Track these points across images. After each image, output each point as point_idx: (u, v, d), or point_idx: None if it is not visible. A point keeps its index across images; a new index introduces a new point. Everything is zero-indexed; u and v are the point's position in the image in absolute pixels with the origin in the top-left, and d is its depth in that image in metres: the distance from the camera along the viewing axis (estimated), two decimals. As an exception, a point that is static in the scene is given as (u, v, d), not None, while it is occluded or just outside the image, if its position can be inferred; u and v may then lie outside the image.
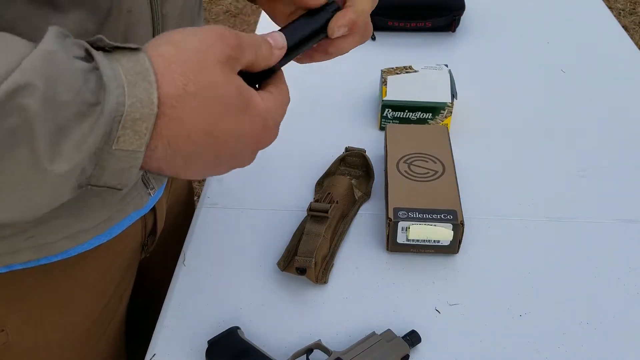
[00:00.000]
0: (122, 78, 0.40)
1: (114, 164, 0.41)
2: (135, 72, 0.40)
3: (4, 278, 0.60)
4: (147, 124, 0.41)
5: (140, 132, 0.41)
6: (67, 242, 0.61)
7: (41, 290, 0.64)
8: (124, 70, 0.40)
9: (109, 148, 0.40)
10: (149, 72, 0.41)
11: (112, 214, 0.64)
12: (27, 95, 0.36)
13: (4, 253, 0.57)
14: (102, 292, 0.72)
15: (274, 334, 0.71)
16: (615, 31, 1.30)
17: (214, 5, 3.33)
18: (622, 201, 0.87)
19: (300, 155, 0.96)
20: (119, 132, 0.40)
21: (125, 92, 0.40)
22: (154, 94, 0.41)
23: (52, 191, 0.40)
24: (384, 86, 1.03)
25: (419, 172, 0.84)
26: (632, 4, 3.28)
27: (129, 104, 0.40)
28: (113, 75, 0.39)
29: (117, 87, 0.39)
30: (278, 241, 0.82)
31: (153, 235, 0.78)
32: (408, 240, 0.77)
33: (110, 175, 0.42)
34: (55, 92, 0.37)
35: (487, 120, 1.04)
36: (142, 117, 0.40)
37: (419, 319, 0.72)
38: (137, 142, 0.41)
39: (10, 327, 0.64)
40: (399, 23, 1.27)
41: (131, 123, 0.40)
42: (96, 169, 0.41)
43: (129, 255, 0.75)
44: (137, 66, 0.41)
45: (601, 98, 1.09)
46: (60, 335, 0.69)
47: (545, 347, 0.69)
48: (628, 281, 0.76)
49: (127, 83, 0.40)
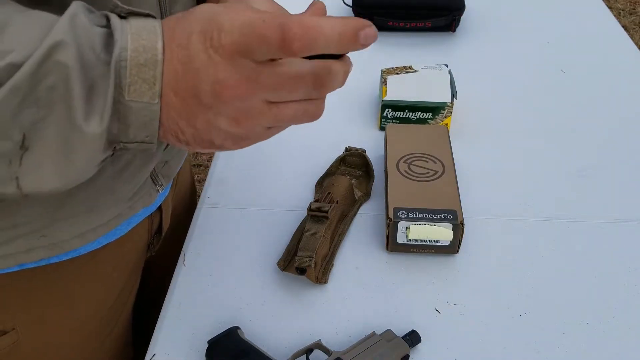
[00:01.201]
0: (127, 29, 0.41)
1: (134, 117, 0.42)
2: (142, 26, 0.42)
3: (15, 277, 0.61)
4: (154, 72, 0.41)
5: (148, 81, 0.41)
6: (78, 240, 0.61)
7: (51, 289, 0.65)
8: (131, 25, 0.42)
9: (123, 99, 0.41)
10: (156, 27, 0.42)
11: (122, 211, 0.65)
12: (63, 52, 0.39)
13: (18, 252, 0.58)
14: (111, 290, 0.73)
15: (274, 334, 0.71)
16: (615, 31, 1.30)
17: (214, 5, 3.33)
18: (622, 201, 0.87)
19: (300, 155, 0.96)
20: (128, 79, 0.41)
21: (129, 38, 0.41)
22: (158, 42, 0.42)
23: (90, 150, 0.42)
24: (384, 86, 1.03)
25: (419, 172, 0.84)
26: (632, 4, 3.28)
27: (132, 48, 0.41)
28: (120, 29, 0.41)
29: (121, 36, 0.41)
30: (278, 241, 0.82)
31: (159, 234, 0.79)
32: (408, 240, 0.77)
33: (135, 129, 0.43)
34: (83, 52, 0.40)
35: (487, 120, 1.04)
36: (146, 63, 0.41)
37: (419, 319, 0.72)
38: (149, 93, 0.42)
39: (21, 326, 0.64)
40: (399, 23, 1.27)
41: (137, 69, 0.41)
42: (120, 124, 0.42)
43: (136, 254, 0.76)
44: (145, 24, 0.42)
45: (601, 98, 1.09)
46: (68, 333, 0.70)
47: (545, 347, 0.69)
48: (628, 281, 0.76)
49: (131, 33, 0.41)
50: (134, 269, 0.77)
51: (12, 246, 0.57)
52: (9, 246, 0.57)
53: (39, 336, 0.67)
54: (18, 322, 0.64)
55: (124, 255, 0.73)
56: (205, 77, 0.42)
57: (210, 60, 0.41)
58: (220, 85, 0.42)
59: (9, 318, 0.63)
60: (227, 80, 0.42)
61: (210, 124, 0.44)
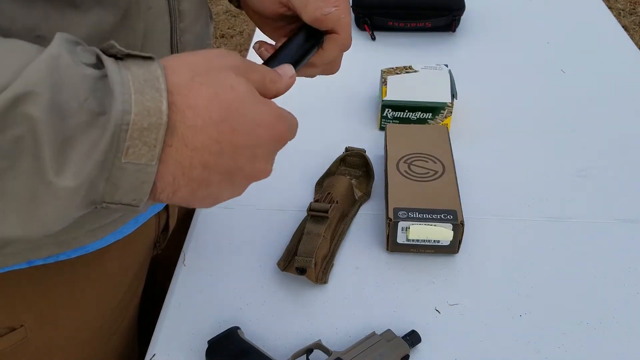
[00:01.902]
0: (130, 85, 0.38)
1: (126, 179, 0.40)
2: (145, 79, 0.39)
3: (24, 274, 0.61)
4: (157, 135, 0.39)
5: (149, 144, 0.39)
6: (87, 237, 0.62)
7: (59, 286, 0.65)
8: (132, 77, 0.39)
9: (119, 162, 0.39)
10: (160, 80, 0.39)
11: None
12: (30, 103, 0.35)
13: (28, 248, 0.58)
14: (118, 288, 0.73)
15: (274, 334, 0.71)
16: (615, 31, 1.30)
17: (214, 5, 3.33)
18: (622, 201, 0.87)
19: (300, 155, 0.96)
20: (127, 142, 0.38)
21: (132, 99, 0.38)
22: (163, 102, 0.39)
23: (60, 206, 0.39)
24: (384, 86, 1.03)
25: (419, 172, 0.84)
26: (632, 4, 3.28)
27: (136, 112, 0.38)
28: (120, 82, 0.38)
29: (122, 93, 0.38)
30: (278, 241, 0.82)
31: (165, 232, 0.80)
32: (408, 240, 0.77)
33: (124, 191, 0.40)
34: (61, 100, 0.36)
35: (487, 120, 1.04)
36: (149, 127, 0.39)
37: (419, 319, 0.72)
38: (148, 155, 0.39)
39: (29, 323, 0.65)
40: (399, 23, 1.27)
41: (139, 133, 0.39)
42: (108, 184, 0.40)
43: (143, 252, 0.76)
44: (147, 73, 0.39)
45: (601, 98, 1.09)
46: (76, 330, 0.70)
47: (545, 347, 0.69)
48: (628, 281, 0.76)
49: (134, 91, 0.38)
50: (140, 267, 0.77)
51: (22, 243, 0.57)
52: (19, 243, 0.57)
53: (47, 333, 0.67)
54: (26, 319, 0.64)
55: (132, 253, 0.73)
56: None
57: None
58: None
59: (17, 315, 0.64)
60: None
61: (214, 194, 0.45)
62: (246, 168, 0.45)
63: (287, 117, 0.48)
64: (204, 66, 0.43)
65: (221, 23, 3.20)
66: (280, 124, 0.46)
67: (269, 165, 0.47)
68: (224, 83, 0.42)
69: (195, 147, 0.41)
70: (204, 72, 0.42)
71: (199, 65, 0.43)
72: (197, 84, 0.41)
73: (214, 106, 0.41)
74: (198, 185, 0.43)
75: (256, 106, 0.44)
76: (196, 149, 0.41)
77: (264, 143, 0.45)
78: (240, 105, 0.43)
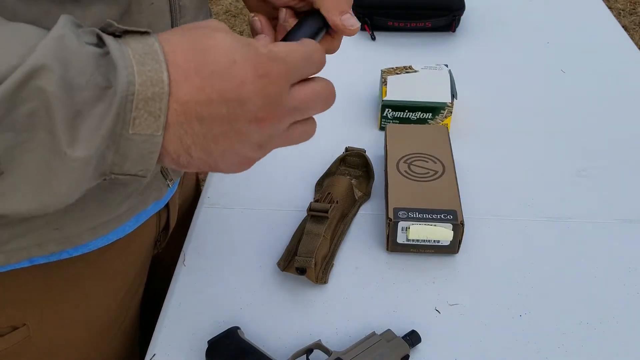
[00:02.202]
0: (131, 58, 0.40)
1: (133, 150, 0.41)
2: (144, 52, 0.41)
3: (26, 273, 0.61)
4: (161, 105, 0.41)
5: (154, 114, 0.41)
6: (90, 234, 0.62)
7: (62, 285, 0.66)
8: (133, 51, 0.41)
9: (126, 132, 0.41)
10: (158, 52, 0.41)
11: (133, 204, 0.65)
12: (44, 77, 0.37)
13: (31, 245, 0.58)
14: (119, 287, 0.73)
15: (274, 334, 0.71)
16: (615, 31, 1.30)
17: (214, 5, 3.33)
18: (622, 201, 0.87)
19: (300, 155, 0.96)
20: (133, 112, 0.40)
21: (135, 70, 0.40)
22: (163, 72, 0.41)
23: (73, 177, 0.40)
24: (384, 86, 1.03)
25: (419, 172, 0.84)
26: (632, 4, 3.28)
27: (139, 82, 0.40)
28: (122, 56, 0.40)
29: (125, 67, 0.40)
30: (278, 241, 0.82)
31: (166, 231, 0.80)
32: (408, 240, 0.77)
33: (132, 162, 0.42)
34: (69, 76, 0.38)
35: (487, 120, 1.04)
36: (153, 97, 0.40)
37: (419, 319, 0.72)
38: (154, 125, 0.41)
39: (32, 322, 0.65)
40: (399, 23, 1.27)
41: (144, 103, 0.40)
42: (116, 156, 0.41)
43: (144, 251, 0.76)
44: (146, 47, 0.41)
45: (601, 98, 1.09)
46: (78, 329, 0.70)
47: (545, 347, 0.69)
48: (628, 281, 0.76)
49: (135, 62, 0.40)
50: (142, 266, 0.77)
51: (25, 239, 0.57)
52: (22, 239, 0.57)
53: (49, 332, 0.67)
54: (29, 318, 0.65)
55: (133, 252, 0.73)
56: (245, 107, 0.43)
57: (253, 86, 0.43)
58: (262, 112, 0.44)
59: (19, 314, 0.64)
60: (266, 108, 0.44)
61: (231, 149, 0.45)
62: (240, 112, 0.44)
63: (270, 52, 0.44)
64: (187, 31, 0.44)
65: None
66: (261, 58, 0.44)
67: (265, 108, 0.45)
68: (201, 32, 0.44)
69: (184, 100, 0.42)
70: (186, 31, 0.44)
71: (191, 38, 0.44)
72: (176, 35, 0.43)
73: (190, 55, 0.42)
74: (204, 139, 0.44)
75: (232, 46, 0.43)
76: (185, 102, 0.42)
77: (247, 79, 0.43)
78: (215, 49, 0.43)
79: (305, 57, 0.47)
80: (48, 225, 0.58)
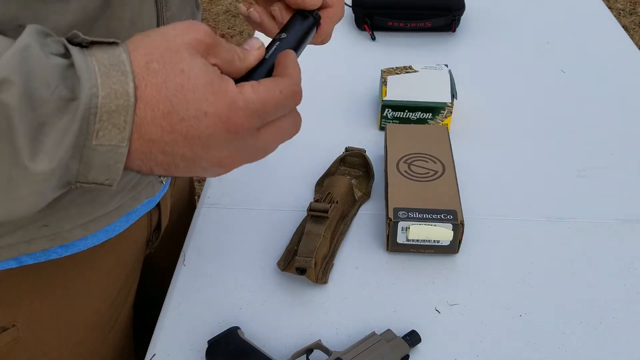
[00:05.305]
0: (95, 70, 0.40)
1: (98, 160, 0.41)
2: (110, 63, 0.40)
3: (15, 273, 0.61)
4: (125, 117, 0.40)
5: (119, 126, 0.40)
6: (80, 231, 0.61)
7: (52, 286, 0.65)
8: (98, 63, 0.40)
9: (90, 143, 0.40)
10: (125, 64, 0.41)
11: (125, 202, 0.65)
12: (5, 90, 0.36)
13: (19, 242, 0.58)
14: (111, 286, 0.73)
15: (274, 334, 0.71)
16: (615, 31, 1.30)
17: (213, 5, 3.33)
18: (622, 201, 0.87)
19: (300, 155, 0.96)
20: (96, 125, 0.40)
21: (99, 83, 0.40)
22: (129, 84, 0.40)
23: (36, 189, 0.40)
24: (384, 86, 1.03)
25: (419, 172, 0.84)
26: (632, 4, 3.28)
27: (103, 95, 0.40)
28: (86, 68, 0.39)
29: (89, 79, 0.39)
30: (278, 241, 0.82)
31: (157, 231, 0.80)
32: (408, 240, 0.77)
33: (97, 171, 0.42)
34: (32, 88, 0.38)
35: (487, 120, 1.04)
36: (117, 109, 0.40)
37: (419, 319, 0.72)
38: (118, 137, 0.41)
39: (21, 323, 0.64)
40: (399, 23, 1.27)
41: (107, 115, 0.40)
42: (81, 165, 0.41)
43: (136, 251, 0.76)
44: (112, 58, 0.41)
45: (601, 98, 1.09)
46: (69, 330, 0.70)
47: (545, 347, 0.69)
48: (628, 281, 0.76)
49: (100, 74, 0.40)
50: (133, 266, 0.77)
51: (14, 236, 0.57)
52: (11, 236, 0.57)
53: (40, 333, 0.67)
54: (18, 318, 0.64)
55: (124, 252, 0.73)
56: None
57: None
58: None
59: (9, 315, 0.64)
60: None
61: (195, 171, 0.45)
62: (204, 156, 0.45)
63: (246, 106, 0.44)
64: (161, 48, 0.42)
65: (221, 23, 3.20)
66: (234, 114, 0.43)
67: (230, 155, 0.45)
68: (175, 67, 0.42)
69: (151, 138, 0.42)
70: (159, 56, 0.42)
71: (157, 48, 0.42)
72: (150, 70, 0.42)
73: (162, 96, 0.42)
74: (168, 166, 0.45)
75: (205, 94, 0.43)
76: (152, 140, 0.43)
77: (216, 133, 0.44)
78: (188, 93, 0.42)
79: (279, 105, 0.46)
80: (36, 223, 0.57)
